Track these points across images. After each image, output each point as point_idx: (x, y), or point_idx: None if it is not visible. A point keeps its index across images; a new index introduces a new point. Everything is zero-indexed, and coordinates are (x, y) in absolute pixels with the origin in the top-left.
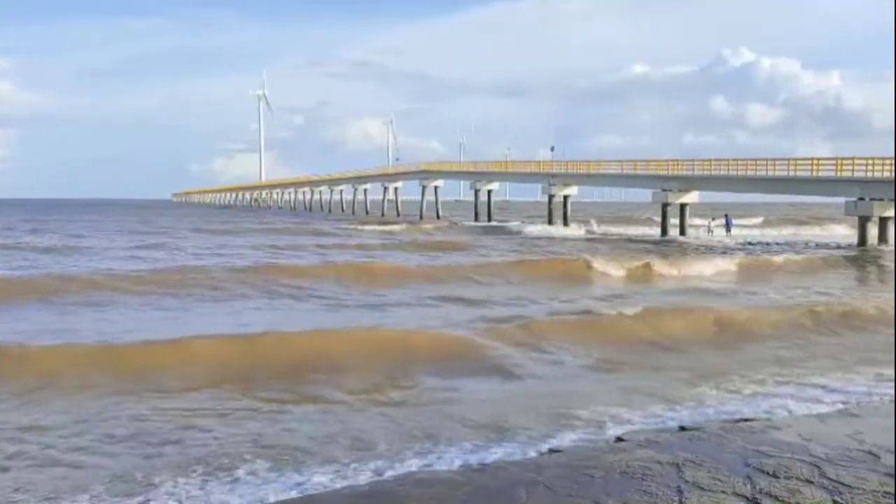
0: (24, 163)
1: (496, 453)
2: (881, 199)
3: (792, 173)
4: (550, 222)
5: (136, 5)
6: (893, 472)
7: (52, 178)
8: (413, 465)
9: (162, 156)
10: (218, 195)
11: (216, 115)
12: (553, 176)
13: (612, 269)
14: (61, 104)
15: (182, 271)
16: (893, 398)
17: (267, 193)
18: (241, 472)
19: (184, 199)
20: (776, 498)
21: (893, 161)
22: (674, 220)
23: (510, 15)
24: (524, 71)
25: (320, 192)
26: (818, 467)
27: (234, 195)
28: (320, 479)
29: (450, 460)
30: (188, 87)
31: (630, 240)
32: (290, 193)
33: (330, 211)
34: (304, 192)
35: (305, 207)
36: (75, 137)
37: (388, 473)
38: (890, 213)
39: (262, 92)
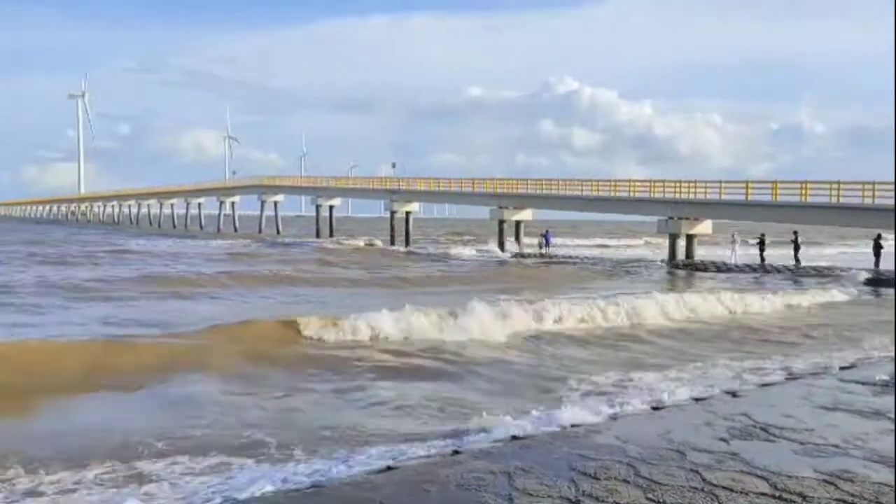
0: None
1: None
2: (688, 218)
3: (613, 194)
4: (392, 242)
5: None
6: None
7: None
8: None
9: None
10: (28, 208)
11: (28, 121)
12: (395, 192)
13: None
14: None
15: None
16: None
17: (87, 206)
18: None
19: None
20: (596, 498)
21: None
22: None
23: (358, 30)
24: (369, 87)
25: (149, 206)
26: (633, 467)
27: (47, 208)
28: None
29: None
30: None
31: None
32: (113, 207)
33: (159, 226)
34: (129, 206)
35: (131, 222)
36: None
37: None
38: (695, 230)
39: (82, 95)
